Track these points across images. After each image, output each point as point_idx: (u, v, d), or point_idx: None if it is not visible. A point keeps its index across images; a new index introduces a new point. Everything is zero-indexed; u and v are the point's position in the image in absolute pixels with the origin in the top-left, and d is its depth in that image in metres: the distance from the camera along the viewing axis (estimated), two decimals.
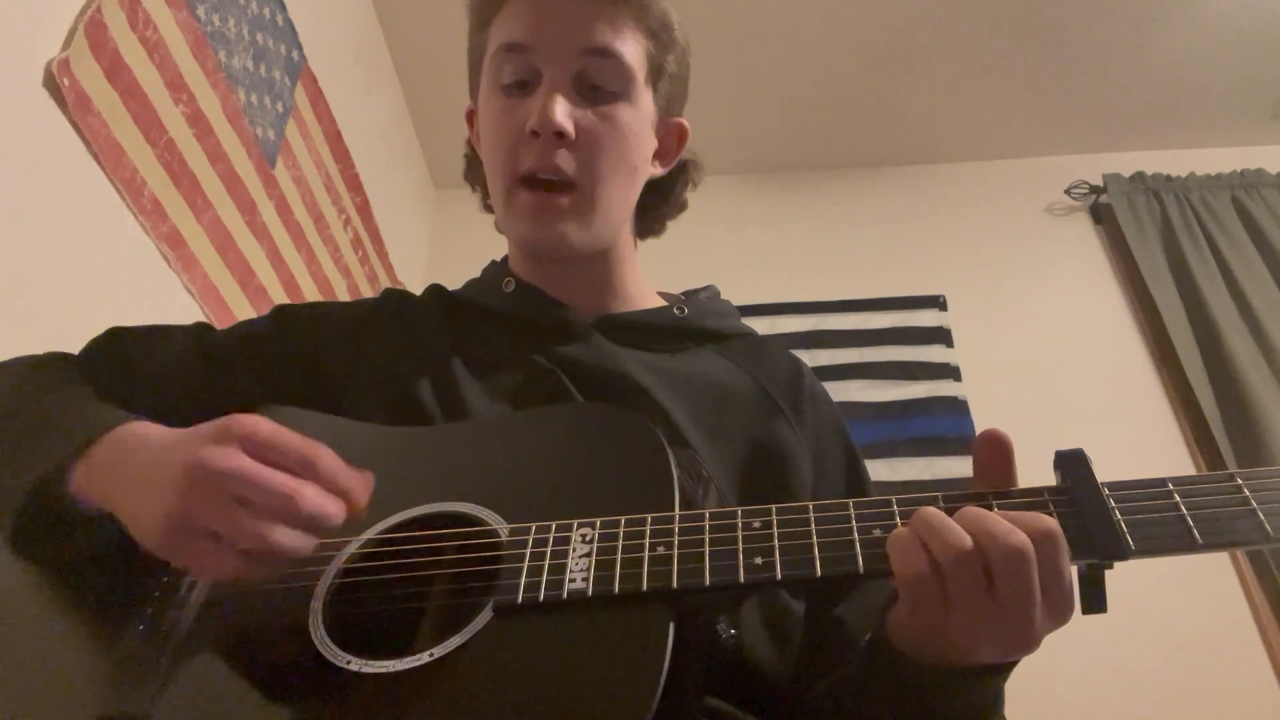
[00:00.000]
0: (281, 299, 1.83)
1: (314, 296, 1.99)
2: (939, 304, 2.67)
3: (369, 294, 2.29)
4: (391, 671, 0.52)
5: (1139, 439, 2.39)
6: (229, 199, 1.65)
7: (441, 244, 2.91)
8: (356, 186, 2.29)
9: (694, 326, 0.88)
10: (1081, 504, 0.53)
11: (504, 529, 0.58)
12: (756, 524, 0.55)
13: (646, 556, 0.54)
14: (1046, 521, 0.51)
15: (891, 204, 2.94)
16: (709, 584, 0.53)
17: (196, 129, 1.55)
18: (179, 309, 1.50)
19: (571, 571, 0.54)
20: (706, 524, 0.55)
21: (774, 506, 0.56)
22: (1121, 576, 0.52)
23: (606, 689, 0.49)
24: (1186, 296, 2.55)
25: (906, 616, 0.54)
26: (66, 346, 0.82)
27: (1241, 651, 2.09)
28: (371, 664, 0.53)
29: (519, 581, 0.54)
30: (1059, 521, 0.52)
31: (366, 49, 2.48)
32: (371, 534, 0.61)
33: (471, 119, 0.92)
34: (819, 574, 0.53)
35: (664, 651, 0.50)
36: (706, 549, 0.54)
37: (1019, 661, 0.56)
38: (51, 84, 1.21)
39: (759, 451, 0.78)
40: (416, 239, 2.84)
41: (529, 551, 0.56)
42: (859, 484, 0.83)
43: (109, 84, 1.31)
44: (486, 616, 0.54)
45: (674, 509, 0.57)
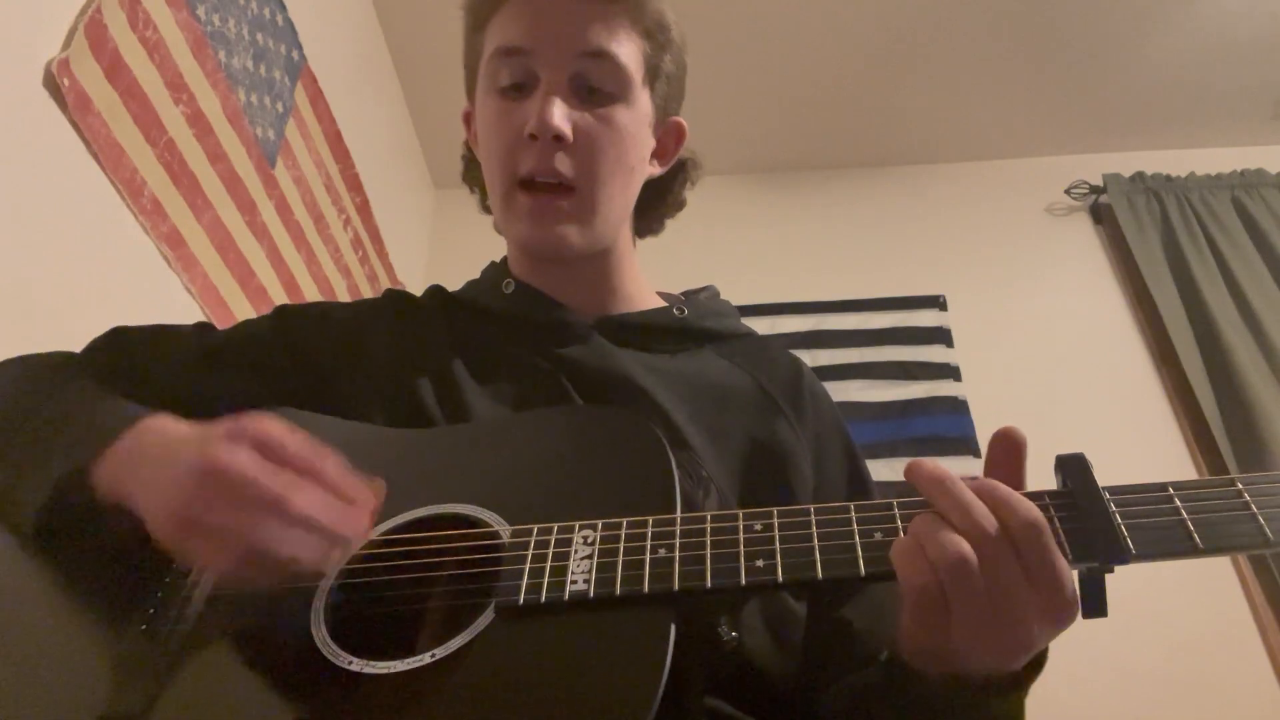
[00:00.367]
0: (281, 299, 1.83)
1: (314, 296, 1.99)
2: (939, 304, 2.67)
3: (369, 294, 2.29)
4: (393, 672, 0.53)
5: (1139, 439, 2.39)
6: (229, 199, 1.65)
7: (441, 244, 2.91)
8: (356, 186, 2.29)
9: (694, 327, 0.88)
10: (1082, 508, 0.53)
11: (506, 530, 0.58)
12: (758, 526, 0.55)
13: (648, 558, 0.54)
14: (1030, 510, 0.51)
15: (891, 204, 2.94)
16: (710, 586, 0.53)
17: (196, 129, 1.55)
18: (179, 309, 1.50)
19: (573, 573, 0.54)
20: (708, 526, 0.56)
21: (775, 509, 0.56)
22: (1122, 577, 0.52)
23: (608, 690, 0.49)
24: (1186, 296, 2.56)
25: (913, 627, 0.54)
26: (67, 346, 0.82)
27: (1241, 651, 2.10)
28: (373, 664, 0.53)
29: (521, 583, 0.54)
30: (1060, 525, 0.52)
31: (366, 49, 2.48)
32: (374, 535, 0.61)
33: (469, 121, 0.92)
34: (820, 576, 0.53)
35: (665, 653, 0.50)
36: (708, 551, 0.54)
37: (1035, 675, 0.55)
38: (51, 84, 1.21)
39: (760, 452, 0.78)
40: (416, 239, 2.84)
41: (531, 553, 0.56)
42: (860, 483, 0.83)
43: (109, 84, 1.31)
44: (488, 617, 0.54)
45: (675, 511, 0.57)
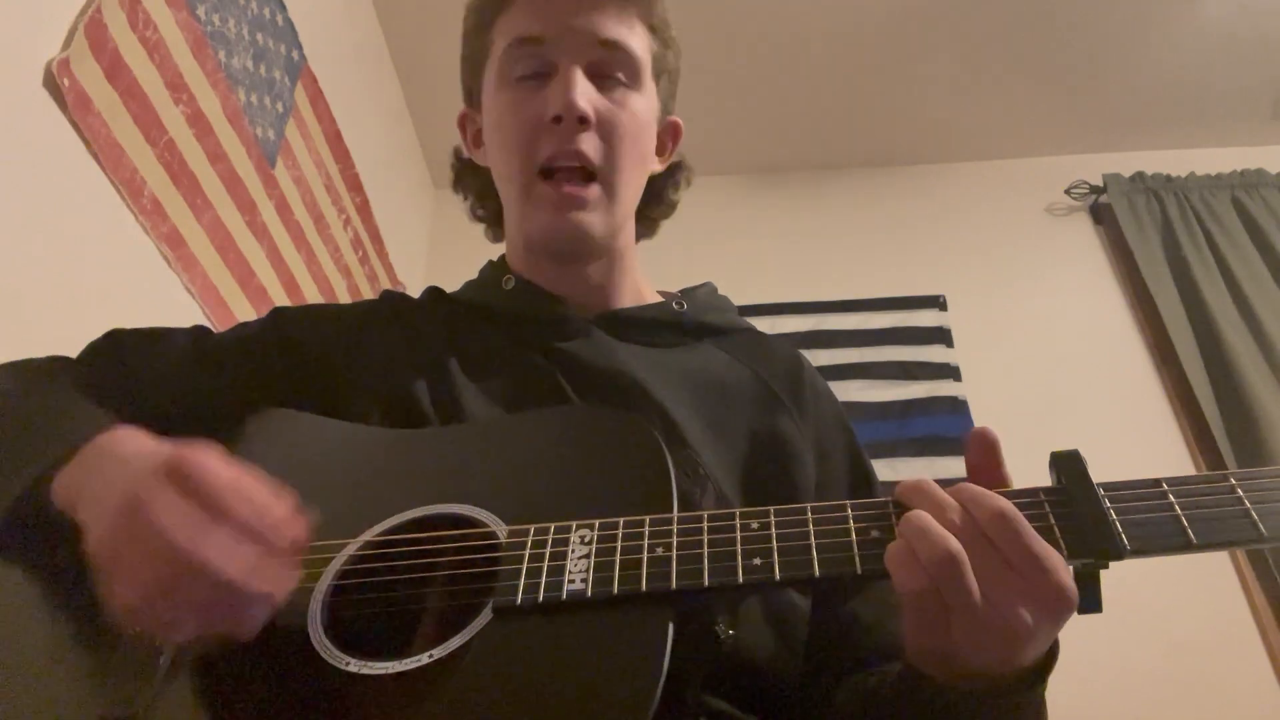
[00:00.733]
0: (281, 299, 1.83)
1: (314, 296, 1.99)
2: (939, 304, 2.67)
3: (369, 294, 2.29)
4: (391, 672, 0.53)
5: (1139, 439, 2.39)
6: (229, 199, 1.65)
7: (441, 244, 2.91)
8: (356, 186, 2.29)
9: (693, 321, 0.88)
10: (1077, 504, 0.53)
11: (503, 530, 0.58)
12: (755, 525, 0.55)
13: (645, 557, 0.54)
14: (995, 501, 0.51)
15: (891, 204, 2.94)
16: (708, 585, 0.53)
17: (196, 129, 1.55)
18: (179, 309, 1.50)
19: (570, 573, 0.54)
20: (705, 525, 0.56)
21: (772, 508, 0.56)
22: (1122, 576, 0.52)
23: (606, 690, 0.49)
24: (1186, 296, 2.55)
25: (915, 631, 0.54)
26: (66, 347, 0.82)
27: (1241, 651, 2.09)
28: (371, 665, 0.53)
29: (518, 583, 0.54)
30: (1055, 521, 0.52)
31: (366, 49, 2.48)
32: (370, 535, 0.61)
33: (464, 125, 0.92)
34: (817, 574, 0.53)
35: (663, 652, 0.50)
36: (705, 550, 0.54)
37: (1047, 671, 0.55)
38: (51, 84, 1.21)
39: (762, 445, 0.78)
40: (416, 239, 2.84)
41: (528, 553, 0.56)
42: (864, 476, 0.83)
43: (109, 84, 1.31)
44: (486, 617, 0.54)
45: (672, 510, 0.57)
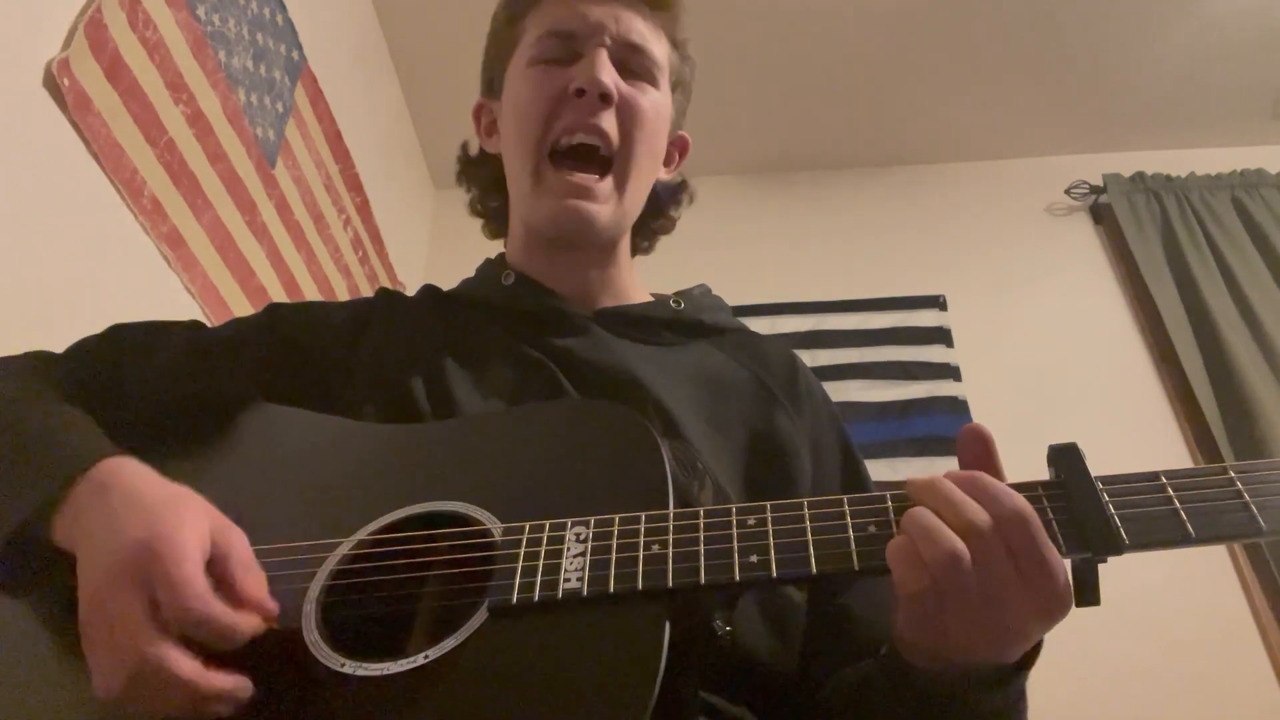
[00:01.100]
0: (281, 299, 1.83)
1: (314, 296, 1.99)
2: (939, 304, 2.66)
3: (368, 294, 2.28)
4: (386, 674, 0.52)
5: (1139, 439, 2.39)
6: (229, 199, 1.65)
7: (441, 244, 2.91)
8: (356, 186, 2.29)
9: (690, 320, 0.89)
10: (1075, 498, 0.53)
11: (498, 528, 0.58)
12: (751, 521, 0.55)
13: (641, 555, 0.54)
14: (1017, 501, 0.50)
15: (891, 204, 2.94)
16: (704, 582, 0.53)
17: (196, 129, 1.55)
18: (179, 309, 1.50)
19: (566, 571, 0.54)
20: (701, 522, 0.55)
21: (768, 504, 0.56)
22: (1121, 576, 0.52)
23: (603, 688, 0.49)
24: (1186, 296, 2.55)
25: (909, 628, 0.54)
26: (65, 347, 0.82)
27: (1241, 651, 2.09)
28: (365, 666, 0.53)
29: (513, 582, 0.54)
30: (1053, 515, 0.52)
31: (366, 49, 2.48)
32: (364, 534, 0.61)
33: (479, 115, 0.93)
34: (814, 571, 0.52)
35: (660, 650, 0.50)
36: (701, 547, 0.54)
37: (1032, 662, 0.55)
38: (51, 84, 1.21)
39: (760, 442, 0.78)
40: (416, 239, 2.84)
41: (523, 551, 0.56)
42: (856, 474, 0.83)
43: (109, 84, 1.31)
44: (481, 617, 0.53)
45: (668, 506, 0.57)
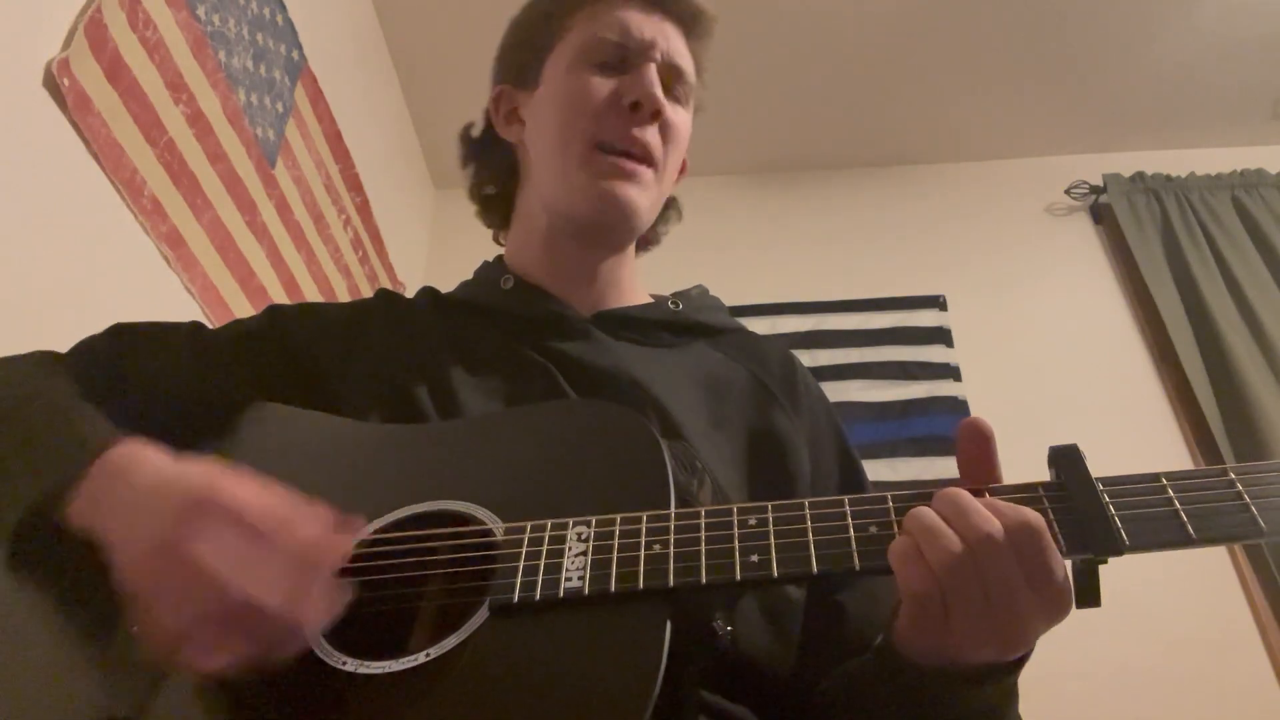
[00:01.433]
0: (281, 299, 1.83)
1: (314, 296, 1.99)
2: (939, 304, 2.67)
3: (369, 294, 2.28)
4: (388, 672, 0.52)
5: (1139, 439, 2.39)
6: (229, 199, 1.65)
7: (441, 244, 2.91)
8: (356, 186, 2.29)
9: (688, 321, 0.89)
10: (1075, 499, 0.53)
11: (499, 528, 0.58)
12: (752, 521, 0.55)
13: (643, 555, 0.54)
14: (1027, 513, 0.51)
15: (891, 204, 2.94)
16: (705, 582, 0.53)
17: (196, 129, 1.55)
18: (179, 309, 1.50)
19: (567, 570, 0.54)
20: (702, 522, 0.56)
21: (769, 504, 0.56)
22: (1121, 575, 0.52)
23: (603, 687, 0.49)
24: (1186, 296, 2.55)
25: (910, 628, 0.54)
26: (66, 347, 0.82)
27: (1241, 651, 2.09)
28: (367, 665, 0.53)
29: (515, 581, 0.54)
30: (1054, 516, 0.53)
31: (366, 49, 2.48)
32: (366, 533, 0.61)
33: (498, 102, 0.93)
34: (815, 571, 0.53)
35: (660, 649, 0.50)
36: (702, 547, 0.54)
37: (1026, 659, 0.55)
38: (51, 84, 1.21)
39: (759, 441, 0.78)
40: (416, 239, 2.84)
41: (525, 550, 0.56)
42: (853, 473, 0.84)
43: (109, 84, 1.31)
44: (483, 616, 0.54)
45: (669, 505, 0.57)
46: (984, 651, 0.52)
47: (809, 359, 2.52)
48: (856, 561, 0.53)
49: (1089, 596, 0.52)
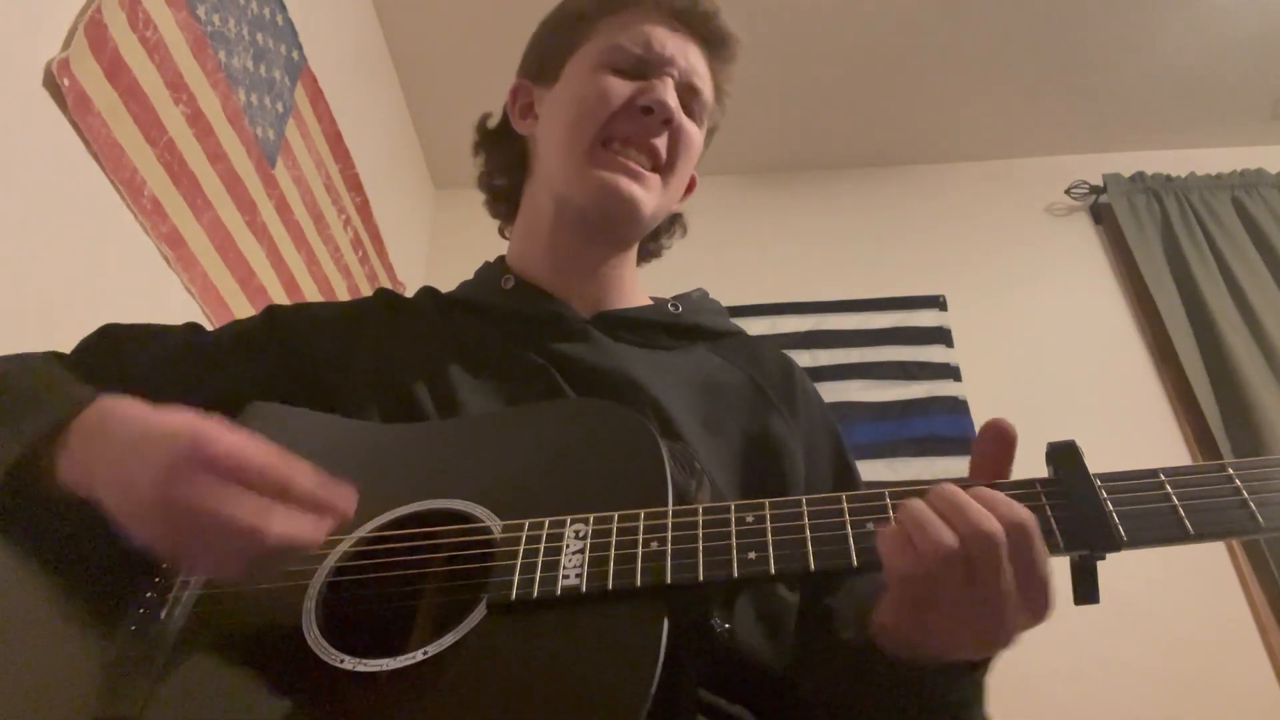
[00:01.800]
0: (281, 299, 1.83)
1: (314, 296, 1.99)
2: (939, 304, 2.67)
3: (369, 294, 2.28)
4: (386, 670, 0.52)
5: (1139, 439, 2.39)
6: (229, 199, 1.65)
7: (441, 244, 2.92)
8: (356, 186, 2.29)
9: (688, 324, 0.90)
10: (1073, 495, 0.53)
11: (497, 525, 0.58)
12: (749, 518, 0.55)
13: (640, 552, 0.54)
14: (1020, 512, 0.50)
15: (891, 204, 2.94)
16: (703, 579, 0.53)
17: (196, 129, 1.55)
18: (179, 309, 1.50)
19: (565, 568, 0.54)
20: (700, 519, 0.56)
21: (767, 501, 0.56)
22: (1121, 574, 0.52)
23: (601, 684, 0.49)
24: (1186, 296, 2.55)
25: (892, 613, 0.54)
26: (66, 347, 0.82)
27: (1241, 650, 2.09)
28: (365, 663, 0.53)
29: (513, 578, 0.54)
30: (1051, 513, 0.53)
31: (366, 49, 2.48)
32: (364, 532, 0.61)
33: (515, 95, 0.94)
34: (812, 568, 0.53)
35: (658, 646, 0.50)
36: (700, 544, 0.54)
37: (996, 657, 0.56)
38: (51, 84, 1.21)
39: (755, 445, 0.79)
40: (416, 239, 2.84)
41: (522, 548, 0.56)
42: (848, 478, 0.84)
43: (109, 84, 1.31)
44: (480, 614, 0.54)
45: (667, 503, 0.57)
46: (964, 648, 0.52)
47: (809, 359, 2.52)
48: (854, 558, 0.53)
49: (1088, 593, 0.52)
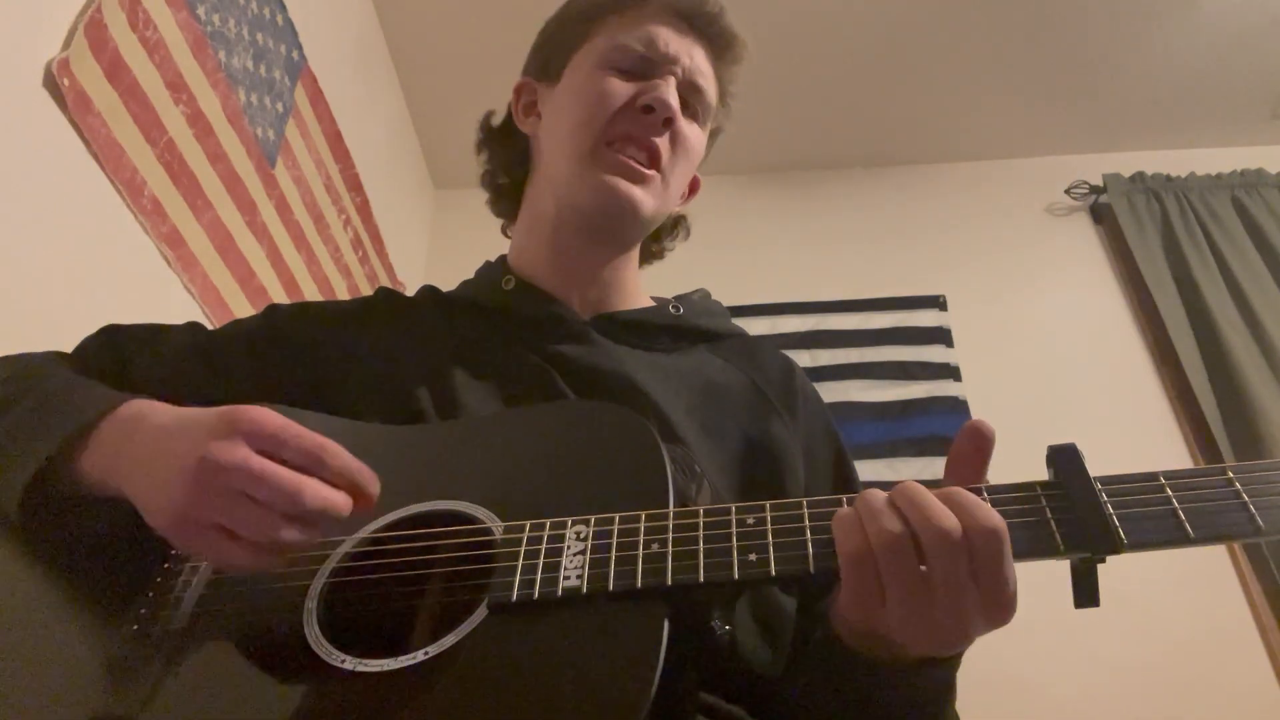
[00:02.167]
0: (281, 299, 1.83)
1: (314, 296, 1.99)
2: (939, 304, 2.67)
3: (369, 294, 2.28)
4: (386, 670, 0.52)
5: (1139, 439, 2.39)
6: (229, 199, 1.65)
7: (441, 244, 2.91)
8: (356, 186, 2.29)
9: (689, 325, 0.89)
10: (1074, 498, 0.53)
11: (498, 527, 0.58)
12: (750, 520, 0.55)
13: (641, 554, 0.54)
14: (992, 517, 0.50)
15: (891, 204, 2.94)
16: (703, 580, 0.53)
17: (196, 129, 1.55)
18: (179, 309, 1.50)
19: (566, 569, 0.54)
20: (700, 520, 0.56)
21: (768, 503, 0.56)
22: (1121, 575, 0.52)
23: (602, 686, 0.49)
24: (1186, 296, 2.55)
25: (847, 601, 0.54)
26: (66, 347, 0.82)
27: (1241, 650, 2.09)
28: (366, 663, 0.53)
29: (514, 579, 0.54)
30: (1052, 515, 0.53)
31: (366, 49, 2.48)
32: (366, 533, 0.61)
33: (519, 93, 0.94)
34: (812, 570, 0.53)
35: (658, 648, 0.50)
36: (700, 545, 0.54)
37: (962, 654, 0.56)
38: (51, 84, 1.21)
39: (754, 448, 0.79)
40: (416, 239, 2.84)
41: (524, 549, 0.56)
42: (847, 482, 0.84)
43: (109, 84, 1.31)
44: (481, 615, 0.54)
45: (668, 505, 0.57)
46: (920, 643, 0.52)
47: (809, 359, 2.52)
48: None
49: (1088, 596, 0.52)
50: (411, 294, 0.94)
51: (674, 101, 0.83)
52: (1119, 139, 2.93)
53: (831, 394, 2.44)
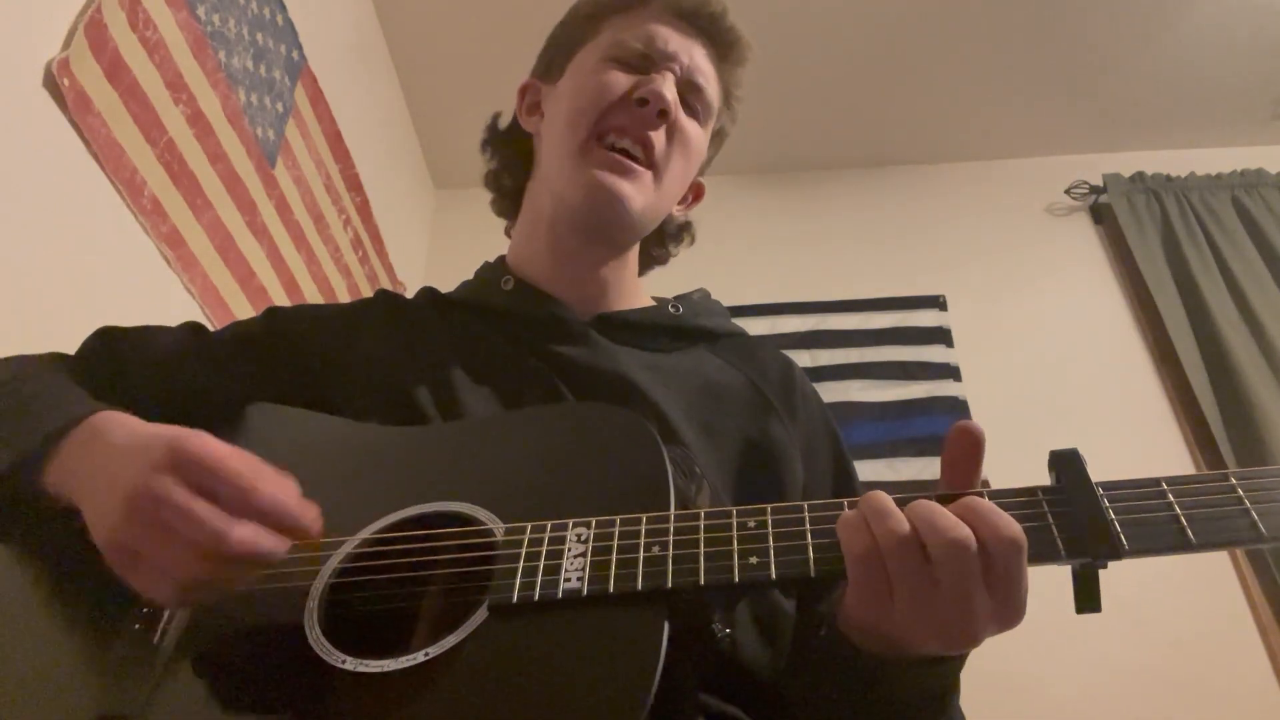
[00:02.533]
0: (281, 299, 1.83)
1: (314, 296, 1.99)
2: (939, 304, 2.67)
3: (369, 294, 2.28)
4: (387, 671, 0.53)
5: (1139, 439, 2.39)
6: (229, 199, 1.65)
7: (441, 244, 2.91)
8: (356, 186, 2.29)
9: (689, 325, 0.89)
10: (1075, 503, 0.53)
11: (499, 528, 0.58)
12: (751, 523, 0.55)
13: (641, 556, 0.54)
14: (1011, 527, 0.50)
15: (892, 204, 2.94)
16: (704, 583, 0.53)
17: (196, 129, 1.55)
18: (179, 309, 1.50)
19: (567, 571, 0.54)
20: (701, 523, 0.56)
21: (769, 506, 0.56)
22: (1122, 575, 0.52)
23: (601, 688, 0.49)
24: (1186, 296, 2.55)
25: (854, 601, 0.54)
26: (66, 347, 0.82)
27: (1241, 651, 2.09)
28: (367, 663, 0.53)
29: (514, 581, 0.54)
30: (1053, 520, 0.52)
31: (366, 49, 2.48)
32: (367, 533, 0.61)
33: (524, 93, 0.95)
34: (813, 573, 0.53)
35: (658, 650, 0.50)
36: (701, 549, 0.54)
37: (968, 654, 0.56)
38: (51, 84, 1.21)
39: (753, 449, 0.78)
40: (416, 239, 2.84)
41: (524, 551, 0.56)
42: (847, 483, 0.84)
43: (109, 84, 1.31)
44: (482, 616, 0.54)
45: (669, 507, 0.57)
46: (928, 643, 0.52)
47: (809, 359, 2.52)
48: None
49: (1089, 601, 0.52)
50: (411, 294, 0.94)
51: (670, 95, 0.83)
52: (1119, 139, 2.93)
53: (831, 394, 2.44)
